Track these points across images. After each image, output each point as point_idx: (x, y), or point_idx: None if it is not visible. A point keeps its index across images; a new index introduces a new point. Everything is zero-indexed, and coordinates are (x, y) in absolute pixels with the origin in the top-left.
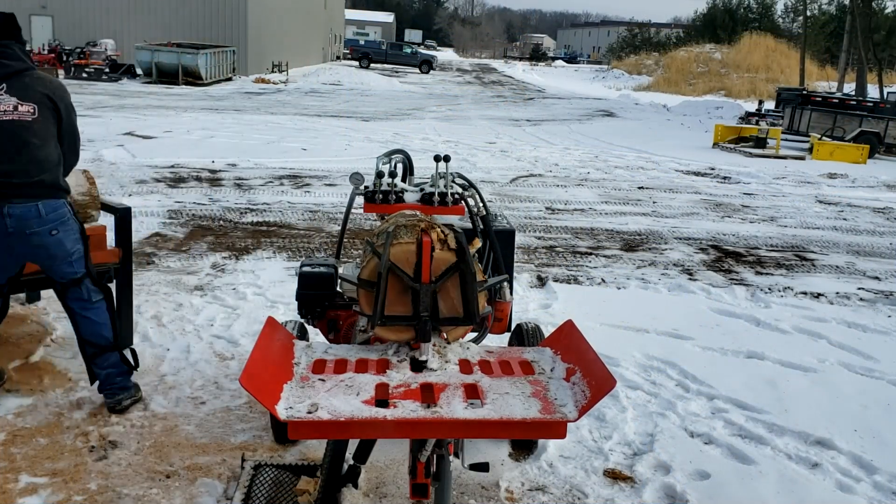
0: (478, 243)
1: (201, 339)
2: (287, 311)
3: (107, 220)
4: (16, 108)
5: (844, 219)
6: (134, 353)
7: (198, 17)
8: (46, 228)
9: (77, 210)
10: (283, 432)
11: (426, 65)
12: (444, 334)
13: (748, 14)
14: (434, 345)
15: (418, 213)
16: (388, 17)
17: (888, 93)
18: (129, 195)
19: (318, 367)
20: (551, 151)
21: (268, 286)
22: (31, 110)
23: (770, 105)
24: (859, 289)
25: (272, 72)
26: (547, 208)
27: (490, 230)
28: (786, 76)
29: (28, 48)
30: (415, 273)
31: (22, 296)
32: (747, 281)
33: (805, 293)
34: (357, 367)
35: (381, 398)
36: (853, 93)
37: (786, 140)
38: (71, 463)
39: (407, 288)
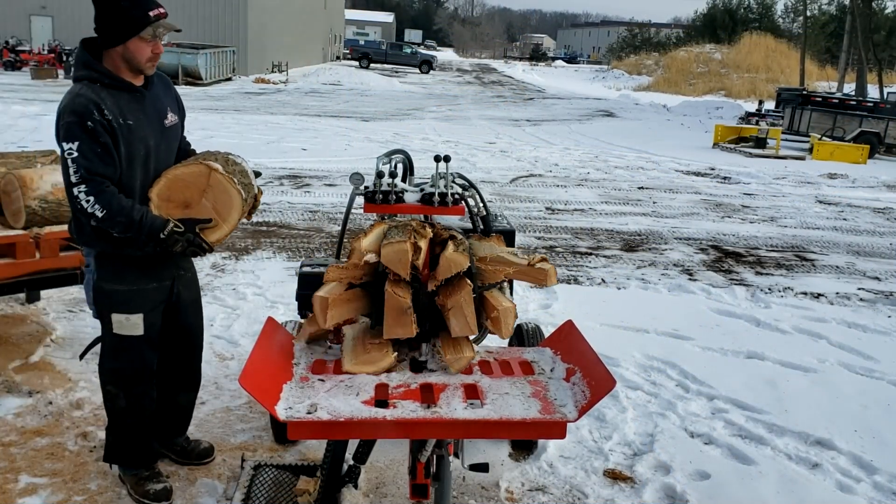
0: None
1: None
2: (287, 311)
3: None
4: None
5: (844, 219)
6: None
7: (198, 17)
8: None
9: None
10: (283, 432)
11: (426, 65)
12: (448, 366)
13: (748, 14)
14: (434, 345)
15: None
16: (388, 17)
17: (888, 93)
18: None
19: (318, 367)
20: (551, 151)
21: (268, 286)
22: None
23: (770, 105)
24: (859, 289)
25: (272, 72)
26: (547, 208)
27: (490, 230)
28: (786, 76)
29: (27, 48)
30: (412, 275)
31: (22, 296)
32: (747, 281)
33: (805, 293)
34: None
35: (381, 398)
36: (853, 93)
37: (786, 140)
38: (71, 463)
39: (406, 307)
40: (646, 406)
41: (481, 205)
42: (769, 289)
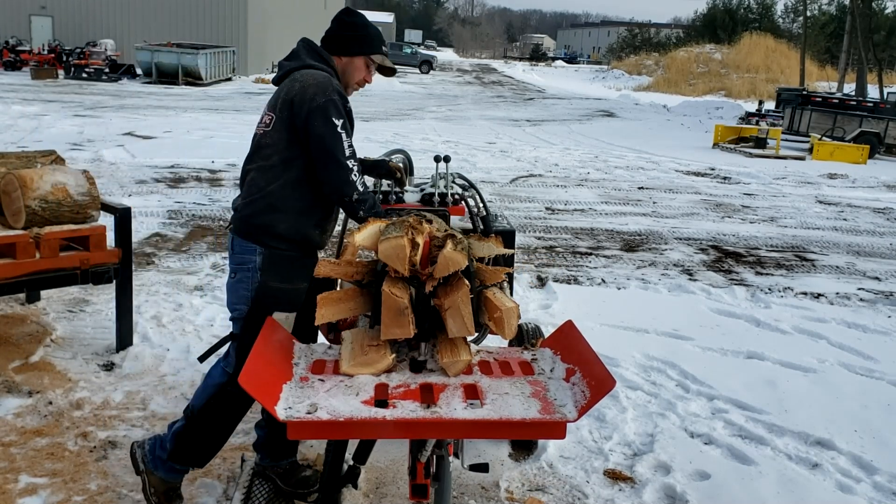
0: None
1: (201, 340)
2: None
3: (107, 220)
4: (262, 118)
5: (844, 219)
6: None
7: (198, 17)
8: (232, 268)
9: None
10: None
11: (426, 65)
12: (445, 369)
13: (748, 14)
14: (433, 345)
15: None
16: (388, 18)
17: (888, 93)
18: (129, 195)
19: (318, 367)
20: (551, 152)
21: None
22: (268, 120)
23: (770, 105)
24: (859, 289)
25: (272, 72)
26: (547, 208)
27: (490, 231)
28: (786, 76)
29: (27, 48)
30: (411, 274)
31: (22, 296)
32: (747, 281)
33: (805, 293)
34: None
35: (381, 398)
36: (853, 93)
37: (786, 140)
38: (71, 463)
39: (403, 308)
40: (646, 406)
41: (481, 205)
42: (769, 289)
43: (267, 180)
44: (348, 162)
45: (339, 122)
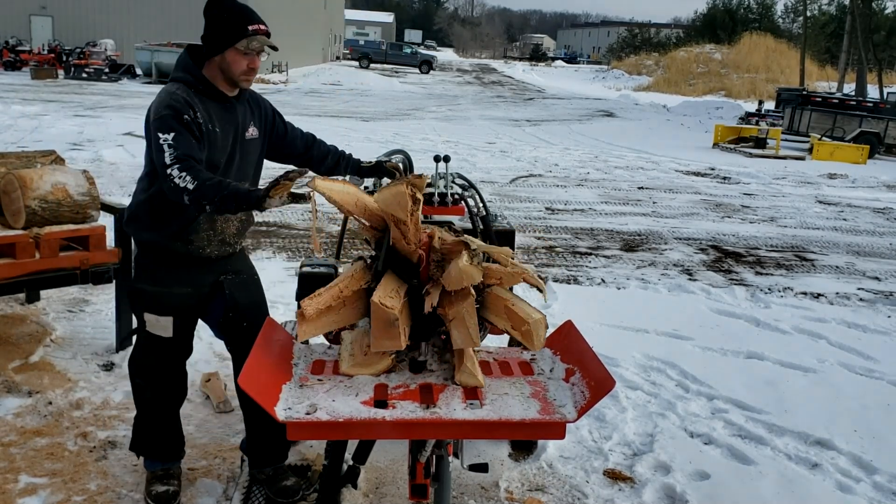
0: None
1: (201, 339)
2: (287, 312)
3: (107, 220)
4: None
5: (844, 219)
6: None
7: (197, 17)
8: None
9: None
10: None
11: (426, 65)
12: (457, 376)
13: (748, 14)
14: (433, 345)
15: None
16: (387, 18)
17: (888, 93)
18: (129, 195)
19: (317, 367)
20: (551, 152)
21: (267, 286)
22: None
23: (770, 105)
24: (859, 289)
25: (272, 72)
26: (547, 208)
27: (490, 230)
28: (786, 76)
29: (27, 48)
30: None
31: (22, 296)
32: (747, 281)
33: (805, 293)
34: None
35: (380, 399)
36: (853, 93)
37: (786, 140)
38: (71, 463)
39: (393, 319)
40: (646, 406)
41: (481, 205)
42: (769, 289)
43: (135, 192)
44: (168, 169)
45: (164, 137)
